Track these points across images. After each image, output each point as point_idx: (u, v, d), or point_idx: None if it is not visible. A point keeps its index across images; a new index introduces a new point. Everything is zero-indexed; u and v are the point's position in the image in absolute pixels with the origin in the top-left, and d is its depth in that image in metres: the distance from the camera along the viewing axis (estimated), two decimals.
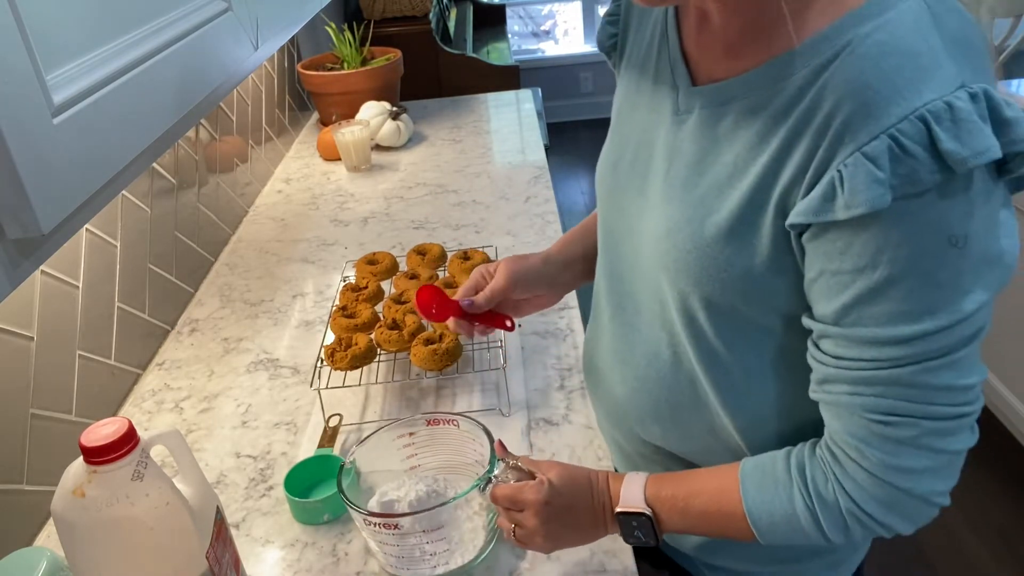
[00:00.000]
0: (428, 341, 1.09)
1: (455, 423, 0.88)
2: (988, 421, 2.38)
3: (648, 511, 0.73)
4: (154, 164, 1.34)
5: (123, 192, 1.22)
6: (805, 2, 0.60)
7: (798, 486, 0.66)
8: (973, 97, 0.54)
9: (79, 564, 0.67)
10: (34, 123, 0.50)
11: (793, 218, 0.60)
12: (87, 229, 1.12)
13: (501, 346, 1.11)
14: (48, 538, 0.95)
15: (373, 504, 0.86)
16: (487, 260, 1.26)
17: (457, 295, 0.90)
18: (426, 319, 0.91)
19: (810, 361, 0.65)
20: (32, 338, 0.97)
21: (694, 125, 0.69)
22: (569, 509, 0.76)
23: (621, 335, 0.82)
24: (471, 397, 1.10)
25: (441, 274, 1.28)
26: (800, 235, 0.61)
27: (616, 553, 0.85)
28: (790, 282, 0.64)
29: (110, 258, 1.18)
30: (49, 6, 0.54)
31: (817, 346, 0.64)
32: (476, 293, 0.90)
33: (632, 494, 0.74)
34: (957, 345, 0.59)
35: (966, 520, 2.08)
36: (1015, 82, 2.12)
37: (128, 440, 0.65)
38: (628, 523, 0.74)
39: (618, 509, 0.74)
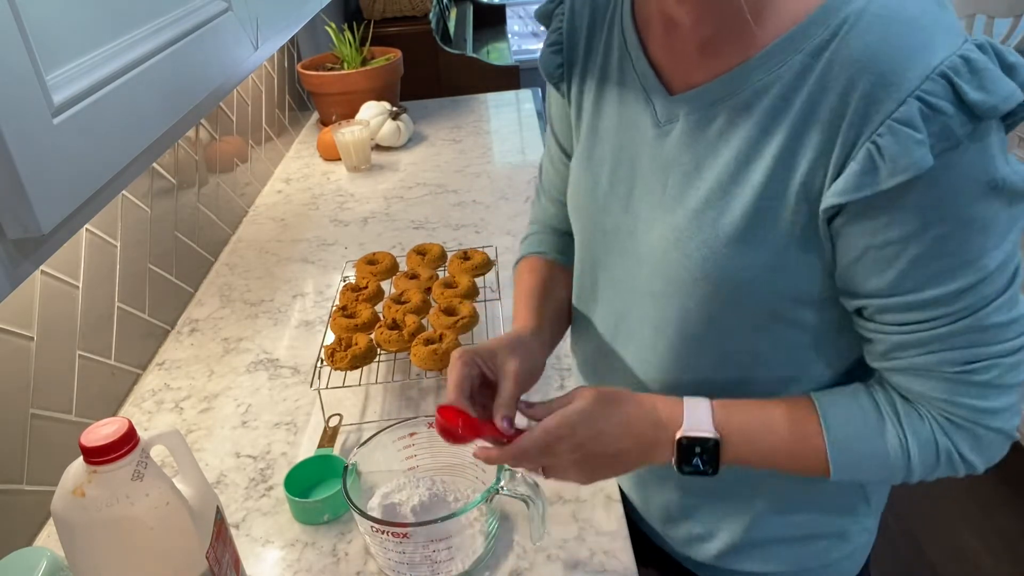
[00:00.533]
0: (428, 341, 1.09)
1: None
2: None
3: (717, 436, 0.69)
4: (154, 164, 1.34)
5: (123, 192, 1.22)
6: None
7: (891, 420, 0.67)
8: (981, 48, 0.56)
9: (79, 564, 0.67)
10: (34, 123, 0.50)
11: (831, 200, 0.60)
12: (87, 229, 1.12)
13: None
14: (48, 538, 0.95)
15: (374, 506, 0.86)
16: (487, 260, 1.26)
17: (450, 396, 0.74)
18: (451, 442, 0.74)
19: (869, 336, 0.66)
20: (32, 338, 0.97)
21: (681, 133, 0.69)
22: (600, 437, 0.70)
23: (624, 359, 0.81)
24: None
25: (441, 274, 1.28)
26: (830, 220, 0.62)
27: (616, 553, 0.85)
28: (813, 270, 0.65)
29: (110, 258, 1.18)
30: (49, 6, 0.54)
31: (873, 320, 0.65)
32: (470, 389, 0.75)
33: (698, 418, 0.70)
34: (1009, 281, 0.61)
35: (966, 520, 2.08)
36: None
37: (128, 440, 0.65)
38: (691, 449, 0.69)
39: (682, 433, 0.69)
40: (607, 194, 0.77)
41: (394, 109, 2.03)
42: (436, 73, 2.84)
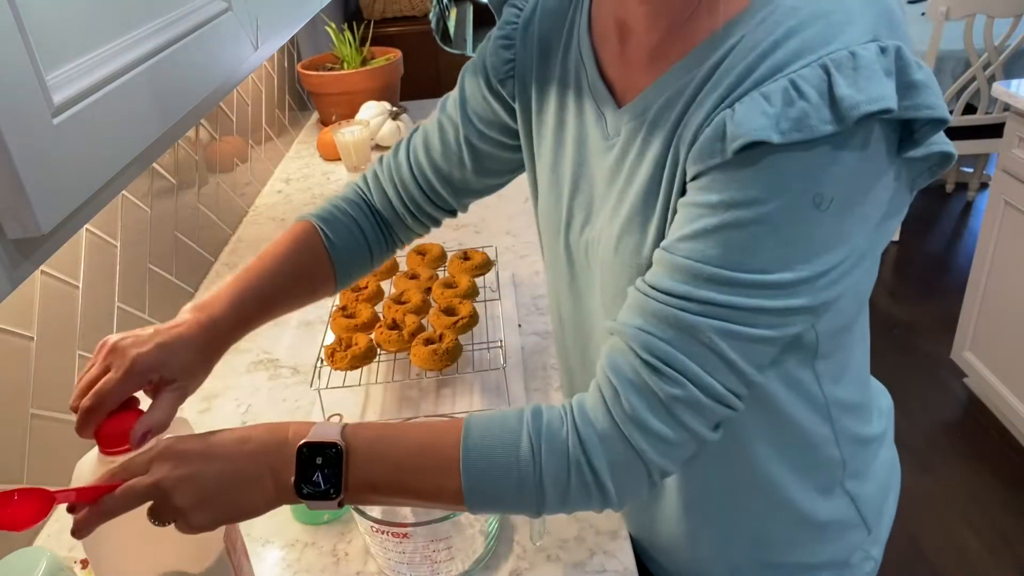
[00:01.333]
0: (428, 341, 1.09)
1: None
2: (988, 421, 2.38)
3: (341, 443, 0.61)
4: (154, 164, 1.34)
5: (123, 192, 1.22)
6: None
7: (528, 427, 0.61)
8: (883, 51, 0.54)
9: (101, 555, 0.66)
10: (34, 123, 0.50)
11: (690, 168, 0.59)
12: (87, 229, 1.12)
13: (501, 346, 1.11)
14: (48, 538, 0.95)
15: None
16: (487, 260, 1.26)
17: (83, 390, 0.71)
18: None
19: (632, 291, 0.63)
20: (32, 338, 0.97)
21: (622, 144, 0.67)
22: (210, 452, 0.62)
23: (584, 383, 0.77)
24: (471, 397, 1.10)
25: (441, 274, 1.28)
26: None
27: (615, 553, 0.85)
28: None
29: (110, 258, 1.18)
30: (49, 6, 0.54)
31: (642, 278, 0.62)
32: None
33: (325, 430, 0.63)
34: (770, 316, 0.57)
35: (966, 520, 2.08)
36: (1015, 82, 2.12)
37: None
38: (311, 460, 0.61)
39: (303, 440, 0.62)
40: (569, 209, 0.76)
41: (394, 109, 2.03)
42: (436, 73, 2.84)
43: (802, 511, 0.77)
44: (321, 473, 0.61)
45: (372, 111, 2.01)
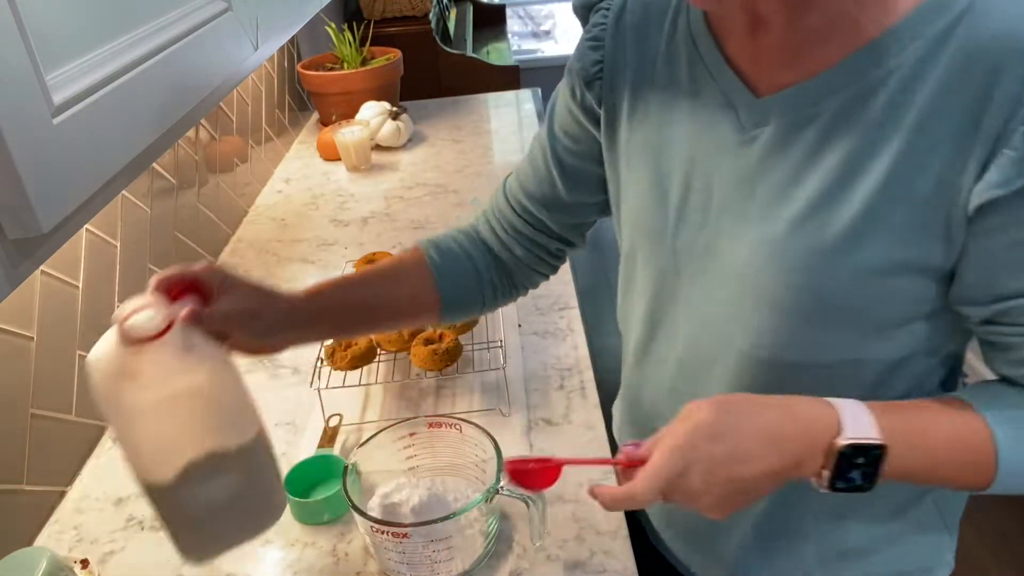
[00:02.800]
0: (428, 341, 1.09)
1: (458, 428, 0.87)
2: None
3: (884, 442, 0.58)
4: (154, 164, 1.34)
5: (123, 192, 1.22)
6: None
7: None
8: None
9: (143, 445, 0.64)
10: (34, 123, 0.50)
11: (986, 195, 0.54)
12: (87, 229, 1.12)
13: (501, 346, 1.11)
14: (48, 538, 0.95)
15: (374, 505, 0.86)
16: None
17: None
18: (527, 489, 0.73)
19: (1007, 340, 0.60)
20: (32, 338, 0.97)
21: (773, 139, 0.63)
22: (734, 455, 0.58)
23: (688, 394, 0.70)
24: (471, 397, 1.10)
25: None
26: (971, 218, 0.56)
27: (616, 553, 0.85)
28: (930, 276, 0.60)
29: (110, 258, 1.18)
30: (49, 6, 0.54)
31: (1016, 323, 0.59)
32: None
33: (859, 422, 0.58)
34: None
35: (966, 520, 2.08)
36: None
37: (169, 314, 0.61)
38: (851, 459, 0.58)
39: (845, 440, 0.57)
40: (679, 210, 0.70)
41: (394, 109, 2.03)
42: (436, 73, 2.84)
43: (893, 519, 0.75)
44: (861, 471, 0.58)
45: (372, 111, 2.01)
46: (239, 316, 0.68)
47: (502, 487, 0.79)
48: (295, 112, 2.24)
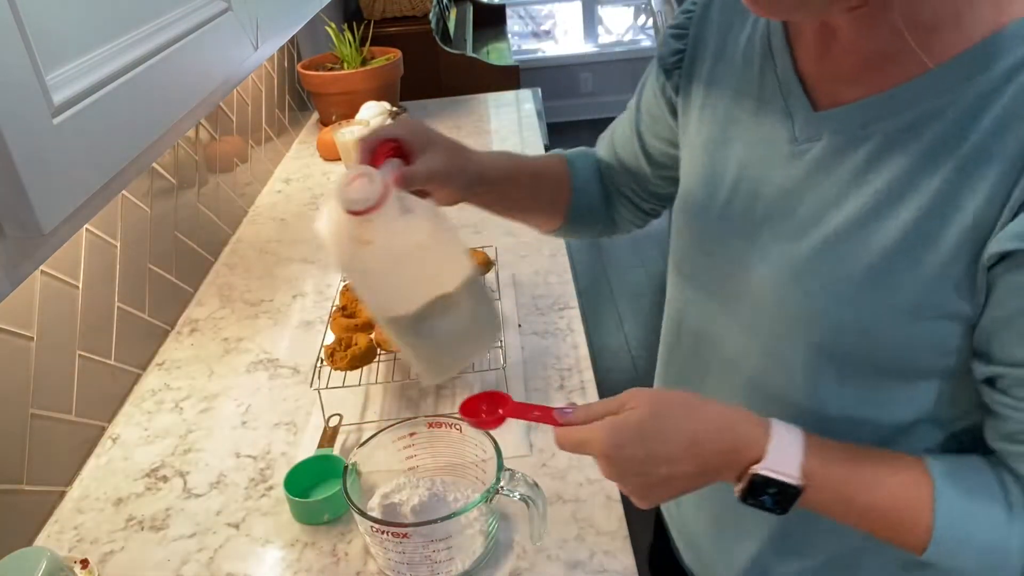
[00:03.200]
0: None
1: (458, 428, 0.87)
2: None
3: (801, 484, 0.58)
4: (154, 164, 1.34)
5: (123, 192, 1.22)
6: None
7: (1020, 517, 0.56)
8: None
9: (380, 295, 0.72)
10: (34, 123, 0.50)
11: (1004, 244, 0.51)
12: (87, 229, 1.12)
13: (501, 346, 1.11)
14: (48, 538, 0.95)
15: (374, 506, 0.86)
16: (487, 260, 1.26)
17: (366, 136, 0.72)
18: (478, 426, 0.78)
19: (999, 411, 0.57)
20: (32, 338, 0.97)
21: (822, 154, 0.61)
22: (653, 459, 0.60)
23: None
24: None
25: None
26: (992, 266, 0.53)
27: (616, 553, 0.85)
28: (955, 323, 0.56)
29: (110, 258, 1.18)
30: (49, 6, 0.54)
31: (1009, 393, 0.56)
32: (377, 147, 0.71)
33: (785, 456, 0.58)
34: None
35: None
36: None
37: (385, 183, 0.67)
38: (763, 487, 0.59)
39: (760, 469, 0.58)
40: (723, 211, 0.69)
41: (394, 109, 2.03)
42: (436, 73, 2.84)
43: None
44: (771, 498, 0.59)
45: (372, 111, 2.01)
46: (440, 176, 0.72)
47: (502, 487, 0.79)
48: (295, 112, 2.24)
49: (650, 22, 4.91)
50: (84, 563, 0.85)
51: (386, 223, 0.67)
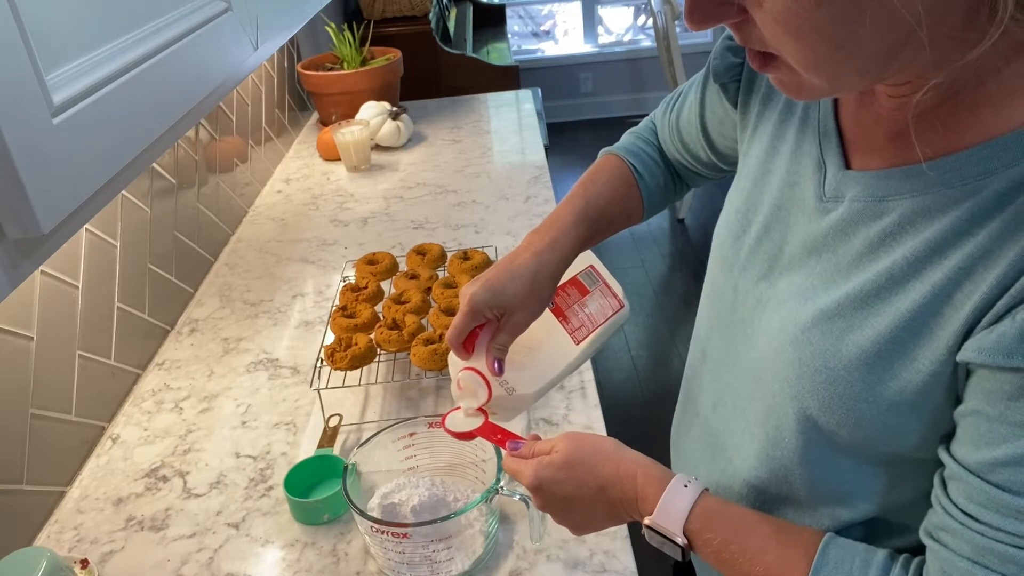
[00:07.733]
0: (428, 341, 1.09)
1: None
2: None
3: (683, 543, 0.62)
4: (154, 164, 1.34)
5: (123, 192, 1.22)
6: (1016, 85, 0.49)
7: None
8: None
9: (514, 367, 0.81)
10: (34, 123, 0.50)
11: (971, 355, 0.49)
12: (87, 229, 1.12)
13: None
14: (48, 538, 0.95)
15: (374, 505, 0.86)
16: (487, 260, 1.26)
17: (450, 335, 0.78)
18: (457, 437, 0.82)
19: (933, 499, 0.54)
20: (32, 338, 0.97)
21: (843, 219, 0.58)
22: (571, 499, 0.69)
23: (716, 430, 0.73)
24: None
25: (441, 274, 1.28)
26: (965, 362, 0.51)
27: (616, 553, 0.85)
28: (931, 420, 0.54)
29: (110, 258, 1.18)
30: (49, 6, 0.54)
31: (945, 487, 0.53)
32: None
33: (671, 512, 0.63)
34: None
35: None
36: None
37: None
38: (653, 537, 0.64)
39: (649, 521, 0.64)
40: (752, 251, 0.67)
41: (394, 109, 2.03)
42: (436, 73, 2.84)
43: None
44: (666, 548, 0.64)
45: (372, 111, 2.01)
46: (520, 327, 0.79)
47: (502, 487, 0.80)
48: (295, 112, 2.24)
49: (650, 22, 4.91)
50: (84, 563, 0.85)
51: (500, 401, 0.79)
